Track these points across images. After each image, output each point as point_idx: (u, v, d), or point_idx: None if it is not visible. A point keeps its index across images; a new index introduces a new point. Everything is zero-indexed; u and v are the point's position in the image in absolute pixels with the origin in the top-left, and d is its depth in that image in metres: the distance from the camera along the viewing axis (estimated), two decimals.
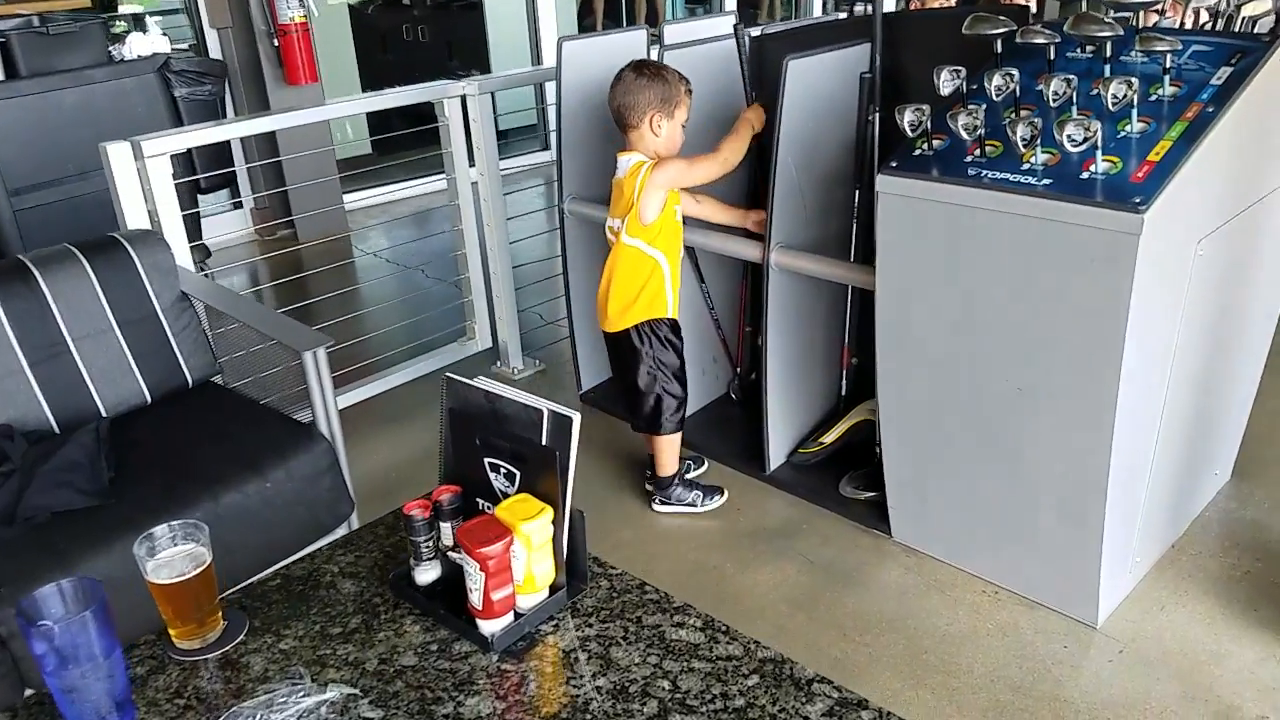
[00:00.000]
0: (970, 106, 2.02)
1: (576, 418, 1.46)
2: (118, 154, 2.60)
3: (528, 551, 1.42)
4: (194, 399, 2.49)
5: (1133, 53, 2.02)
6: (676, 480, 2.77)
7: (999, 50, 2.09)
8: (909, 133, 2.07)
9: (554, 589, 1.48)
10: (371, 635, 1.43)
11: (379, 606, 1.50)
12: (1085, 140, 1.80)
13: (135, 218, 2.66)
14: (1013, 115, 2.01)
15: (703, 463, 2.96)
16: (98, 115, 4.13)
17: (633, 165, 2.52)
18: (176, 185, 4.25)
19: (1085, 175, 1.86)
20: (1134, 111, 1.88)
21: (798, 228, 2.64)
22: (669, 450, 2.74)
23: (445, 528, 1.55)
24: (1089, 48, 2.08)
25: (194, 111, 4.54)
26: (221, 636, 1.45)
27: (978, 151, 2.01)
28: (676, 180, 2.54)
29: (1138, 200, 1.76)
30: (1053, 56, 2.03)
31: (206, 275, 4.75)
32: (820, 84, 2.54)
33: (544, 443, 1.48)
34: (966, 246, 2.04)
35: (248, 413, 2.39)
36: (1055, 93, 1.90)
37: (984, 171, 1.96)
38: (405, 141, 4.72)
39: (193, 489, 2.06)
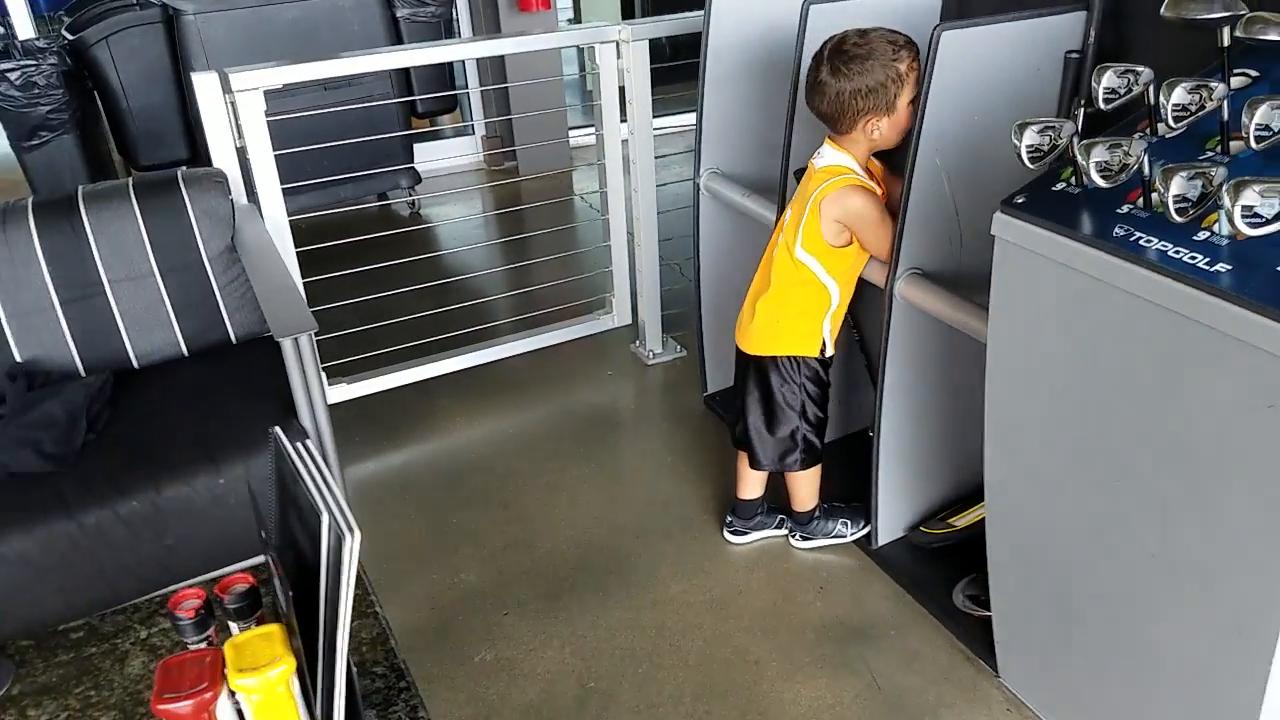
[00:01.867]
0: (1144, 130, 1.31)
1: (352, 539, 1.04)
2: (205, 85, 2.41)
3: (251, 710, 1.04)
4: (230, 358, 2.32)
5: None
6: (817, 513, 2.34)
7: (1225, 44, 1.34)
8: (1027, 164, 1.39)
9: None
10: None
11: (139, 709, 1.21)
12: (1278, 215, 1.07)
13: (223, 155, 2.49)
14: (1218, 149, 1.28)
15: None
16: (313, 31, 4.10)
17: (828, 168, 2.01)
18: (391, 106, 4.28)
19: None
20: None
21: (943, 251, 2.00)
22: (807, 485, 2.32)
23: (234, 628, 1.22)
24: None
25: (416, 33, 4.42)
26: None
27: (1139, 200, 1.30)
28: (855, 228, 2.02)
29: None
30: None
31: (412, 201, 4.72)
32: (996, 61, 1.86)
33: (322, 556, 1.08)
34: (1097, 335, 1.36)
35: (264, 385, 2.17)
36: (1260, 128, 1.16)
37: (1137, 234, 1.26)
38: (662, 75, 4.18)
39: (137, 475, 1.87)
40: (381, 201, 4.69)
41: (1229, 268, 1.17)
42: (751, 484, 2.35)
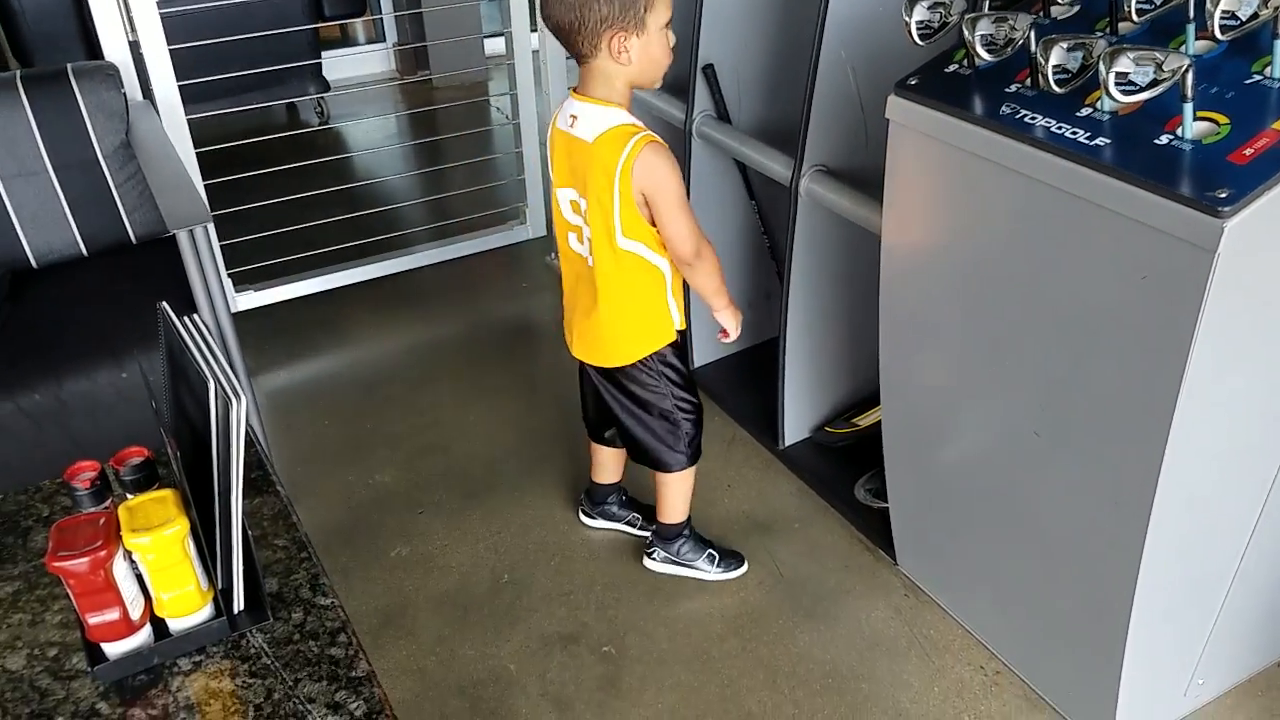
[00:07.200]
0: (1039, 13, 1.34)
1: (239, 403, 1.04)
2: None
3: (148, 570, 1.05)
4: (130, 258, 2.26)
5: None
6: (686, 531, 2.05)
7: None
8: (916, 40, 1.42)
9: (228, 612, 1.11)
10: (6, 615, 1.15)
11: (43, 578, 1.21)
12: (1153, 83, 1.11)
13: (115, 50, 2.38)
14: (1107, 29, 1.32)
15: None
16: None
17: (609, 133, 1.60)
18: (296, 4, 4.10)
19: (1163, 139, 1.18)
20: None
21: (849, 148, 2.02)
22: (679, 490, 2.00)
23: (132, 500, 1.21)
24: None
25: None
26: None
27: (1027, 80, 1.34)
28: (656, 203, 1.63)
29: (1223, 194, 1.08)
30: None
31: (319, 110, 4.59)
32: None
33: (212, 423, 1.07)
34: (984, 213, 1.41)
35: (165, 285, 2.11)
36: (1142, 1, 1.19)
37: (1023, 111, 1.30)
38: None
39: (39, 369, 1.84)
40: (288, 100, 4.54)
41: (1109, 142, 1.21)
42: (605, 468, 2.12)
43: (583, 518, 2.19)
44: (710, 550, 2.05)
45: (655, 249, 1.72)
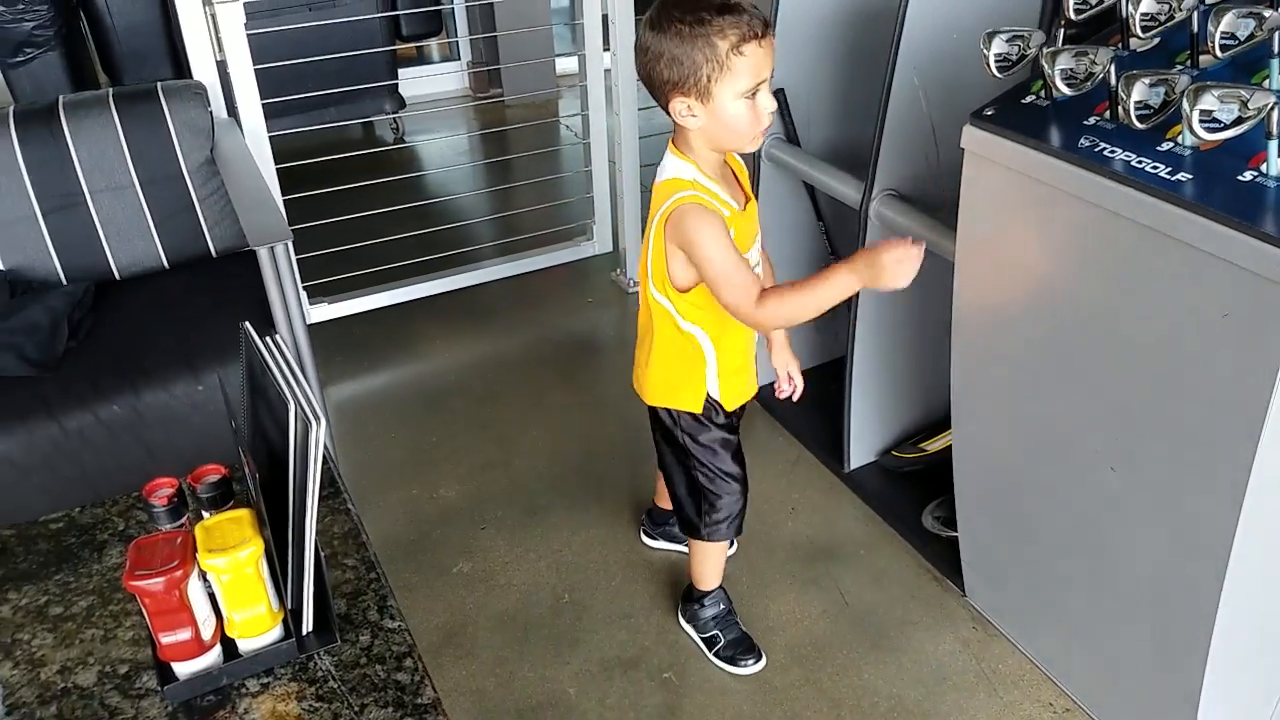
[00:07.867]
0: (1117, 45, 1.31)
1: (318, 427, 1.06)
2: None
3: (221, 591, 1.07)
4: (209, 271, 2.32)
5: None
6: (705, 600, 1.94)
7: None
8: (995, 73, 1.39)
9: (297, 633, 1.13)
10: (80, 629, 1.18)
11: (116, 593, 1.24)
12: (1238, 120, 1.08)
13: (203, 69, 2.47)
14: (1187, 63, 1.29)
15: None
16: None
17: (665, 182, 1.55)
18: (374, 26, 4.21)
19: (1247, 176, 1.15)
20: None
21: (920, 172, 2.00)
22: (708, 560, 1.91)
23: (206, 517, 1.24)
24: None
25: None
26: None
27: (1106, 112, 1.31)
28: (693, 260, 1.53)
29: None
30: None
31: (395, 126, 4.68)
32: None
33: (290, 444, 1.10)
34: (1062, 246, 1.38)
35: (243, 299, 2.18)
36: (1225, 36, 1.16)
37: (1102, 145, 1.27)
38: None
39: (118, 381, 1.90)
40: (364, 119, 4.63)
41: (1190, 177, 1.18)
42: (666, 495, 2.00)
43: (643, 538, 2.19)
44: (724, 641, 1.91)
45: (685, 315, 1.61)
